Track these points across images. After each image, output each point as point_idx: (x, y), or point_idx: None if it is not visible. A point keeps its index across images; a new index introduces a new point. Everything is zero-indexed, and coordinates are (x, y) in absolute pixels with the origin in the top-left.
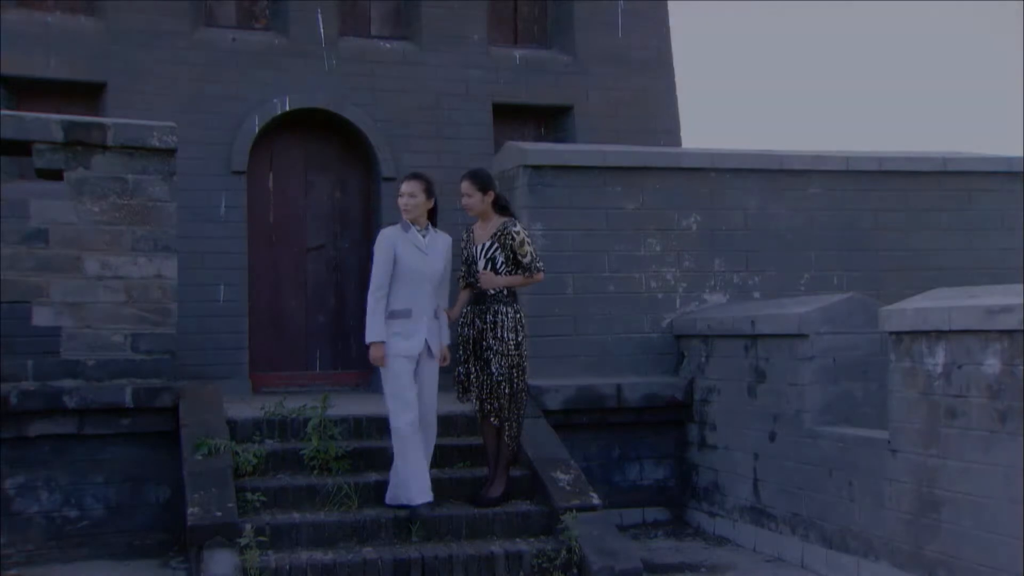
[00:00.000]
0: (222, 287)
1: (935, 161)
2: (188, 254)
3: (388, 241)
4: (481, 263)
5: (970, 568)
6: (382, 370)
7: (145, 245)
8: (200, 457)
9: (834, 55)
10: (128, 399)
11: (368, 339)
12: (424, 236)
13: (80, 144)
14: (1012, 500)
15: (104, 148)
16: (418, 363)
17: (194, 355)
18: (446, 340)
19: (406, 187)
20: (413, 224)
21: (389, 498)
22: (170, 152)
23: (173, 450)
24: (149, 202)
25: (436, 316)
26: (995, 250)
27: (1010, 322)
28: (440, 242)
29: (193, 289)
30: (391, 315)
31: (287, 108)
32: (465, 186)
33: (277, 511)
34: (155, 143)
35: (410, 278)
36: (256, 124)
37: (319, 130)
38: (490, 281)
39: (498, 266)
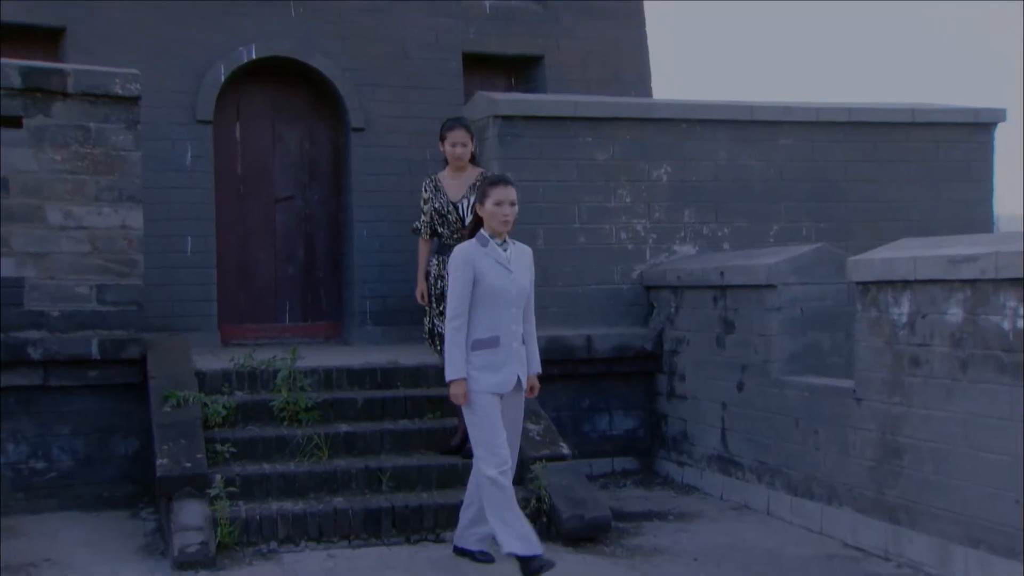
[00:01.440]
0: (189, 239)
1: (904, 112)
2: (154, 205)
3: (465, 259)
4: (470, 219)
5: (928, 512)
6: (466, 410)
7: (109, 195)
8: (169, 409)
9: (806, 5)
10: (95, 351)
11: (448, 376)
12: (505, 250)
13: (39, 91)
14: (971, 446)
15: (64, 95)
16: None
17: (161, 307)
18: (536, 368)
19: (459, 136)
20: (492, 237)
21: (458, 538)
22: (133, 100)
23: (141, 402)
24: (113, 151)
25: (524, 342)
26: (962, 201)
27: (973, 271)
28: (523, 256)
29: (160, 240)
30: (475, 345)
31: (253, 56)
32: (462, 135)
33: (247, 462)
34: (118, 91)
35: (494, 300)
36: (222, 73)
37: (287, 79)
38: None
39: None
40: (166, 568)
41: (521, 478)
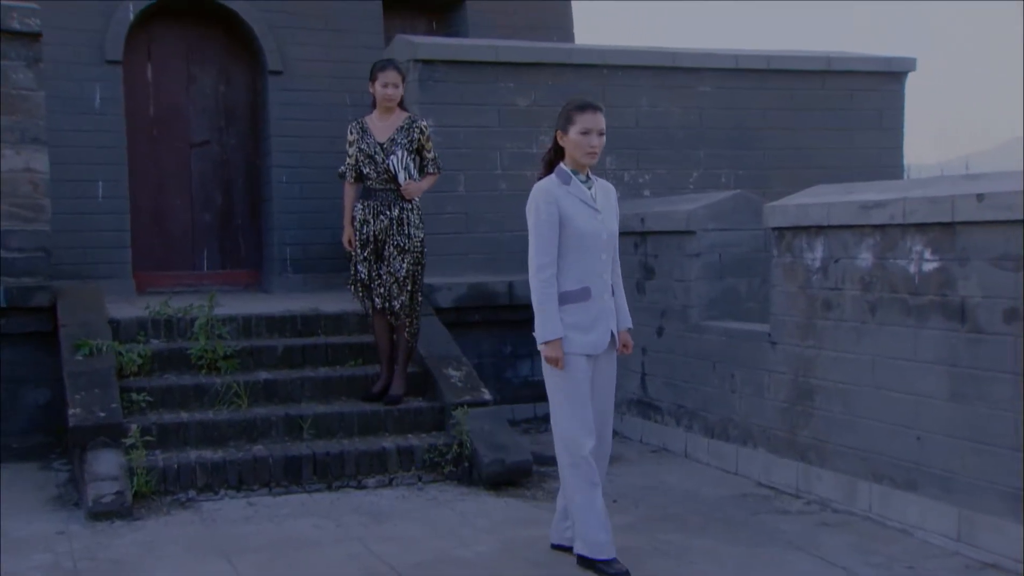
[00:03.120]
0: (100, 183)
1: (819, 60)
2: (62, 148)
3: (549, 199)
4: (402, 176)
5: (836, 450)
6: (551, 377)
7: (11, 136)
8: (81, 358)
9: None
10: (0, 298)
11: (542, 337)
12: (590, 188)
13: None
14: (877, 386)
15: None
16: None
17: (72, 254)
18: (627, 322)
19: (391, 77)
20: (575, 173)
21: (557, 537)
22: (34, 36)
23: (52, 351)
24: (13, 90)
25: (614, 293)
26: (874, 149)
27: (882, 217)
28: (608, 194)
29: (69, 185)
30: (564, 298)
31: None
32: (393, 75)
33: (164, 411)
34: (15, 25)
35: (583, 246)
36: (131, 10)
37: (200, 19)
38: (417, 190)
39: (413, 172)
40: (80, 519)
41: (443, 424)
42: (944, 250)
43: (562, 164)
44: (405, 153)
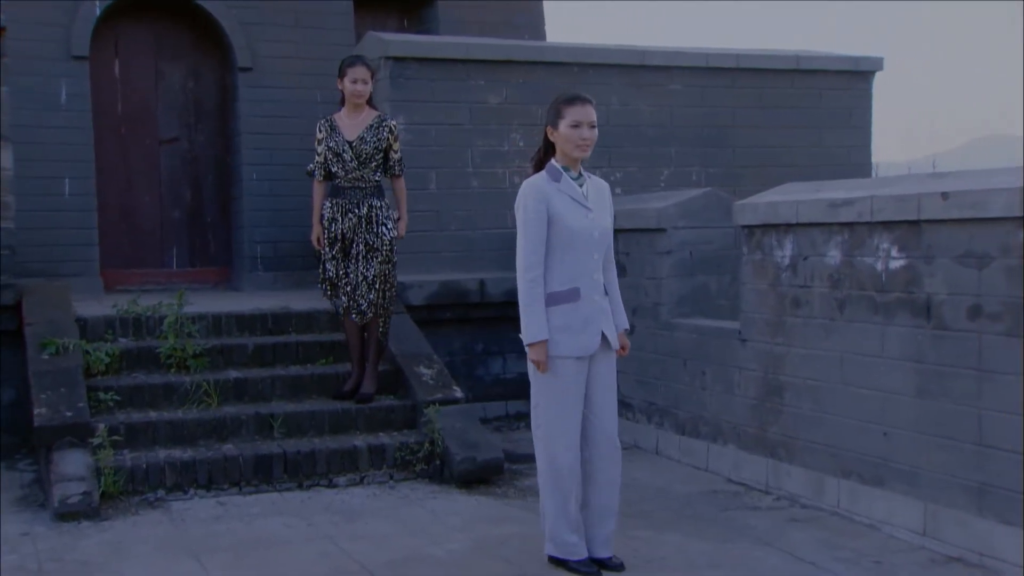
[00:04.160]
0: (67, 180)
1: (788, 59)
2: (26, 144)
3: (538, 196)
4: (393, 228)
5: (805, 447)
6: (537, 377)
7: None
8: (47, 356)
9: None
10: None
11: (526, 338)
12: (581, 185)
13: None
14: (845, 383)
15: None
16: (590, 360)
17: (39, 252)
18: (624, 323)
19: (360, 73)
20: (566, 170)
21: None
22: None
23: (18, 350)
24: None
25: (607, 293)
26: (843, 147)
27: (850, 215)
28: (601, 191)
29: (34, 182)
30: (551, 299)
31: None
32: (362, 71)
33: (132, 410)
34: None
35: (573, 245)
36: (98, 5)
37: (169, 15)
38: (404, 225)
39: (393, 214)
40: (46, 520)
41: (414, 422)
42: (910, 248)
43: (553, 161)
44: (373, 151)
